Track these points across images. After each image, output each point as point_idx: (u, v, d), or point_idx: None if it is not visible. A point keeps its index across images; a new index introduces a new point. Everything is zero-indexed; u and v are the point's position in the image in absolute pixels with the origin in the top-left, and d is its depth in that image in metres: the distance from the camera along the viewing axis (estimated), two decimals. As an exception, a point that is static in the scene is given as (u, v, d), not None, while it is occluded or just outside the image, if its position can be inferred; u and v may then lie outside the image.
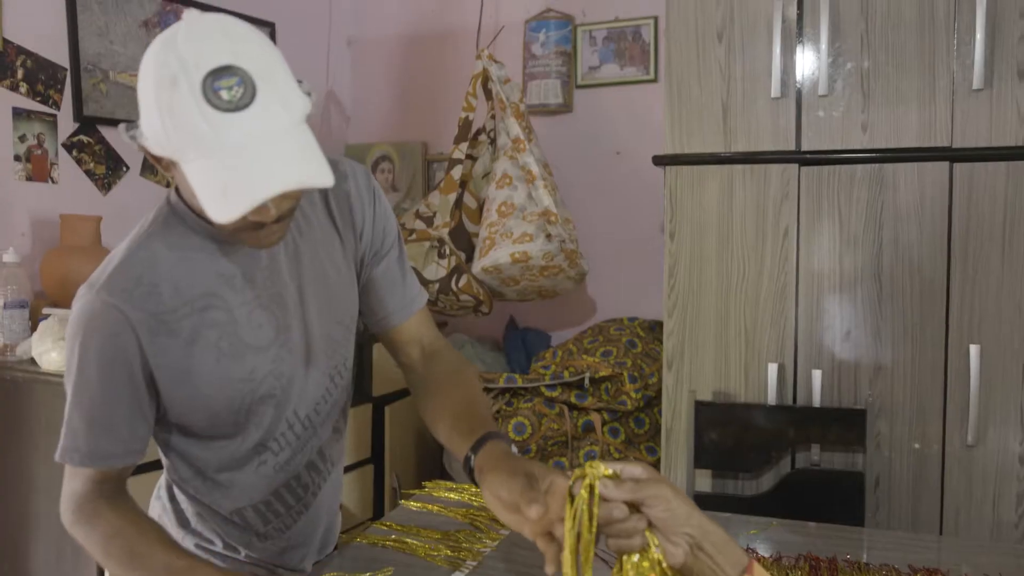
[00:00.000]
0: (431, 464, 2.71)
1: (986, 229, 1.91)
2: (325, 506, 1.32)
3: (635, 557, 0.83)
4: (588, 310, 2.94)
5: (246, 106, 0.87)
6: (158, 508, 1.30)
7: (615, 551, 0.85)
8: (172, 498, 1.27)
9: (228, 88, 0.87)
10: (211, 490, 1.20)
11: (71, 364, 1.08)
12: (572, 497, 0.83)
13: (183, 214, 1.09)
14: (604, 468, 0.83)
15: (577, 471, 0.84)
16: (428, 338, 1.31)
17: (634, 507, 0.83)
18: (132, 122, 0.96)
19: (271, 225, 1.00)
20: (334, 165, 1.16)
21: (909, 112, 1.95)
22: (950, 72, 1.91)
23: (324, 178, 0.92)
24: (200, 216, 1.07)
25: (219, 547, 1.26)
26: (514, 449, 1.08)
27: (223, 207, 0.88)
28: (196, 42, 0.88)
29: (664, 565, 0.83)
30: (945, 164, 1.93)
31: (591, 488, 0.82)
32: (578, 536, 0.82)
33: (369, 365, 2.54)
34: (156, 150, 0.94)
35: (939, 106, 1.93)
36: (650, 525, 0.83)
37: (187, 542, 1.25)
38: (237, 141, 0.88)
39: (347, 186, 1.20)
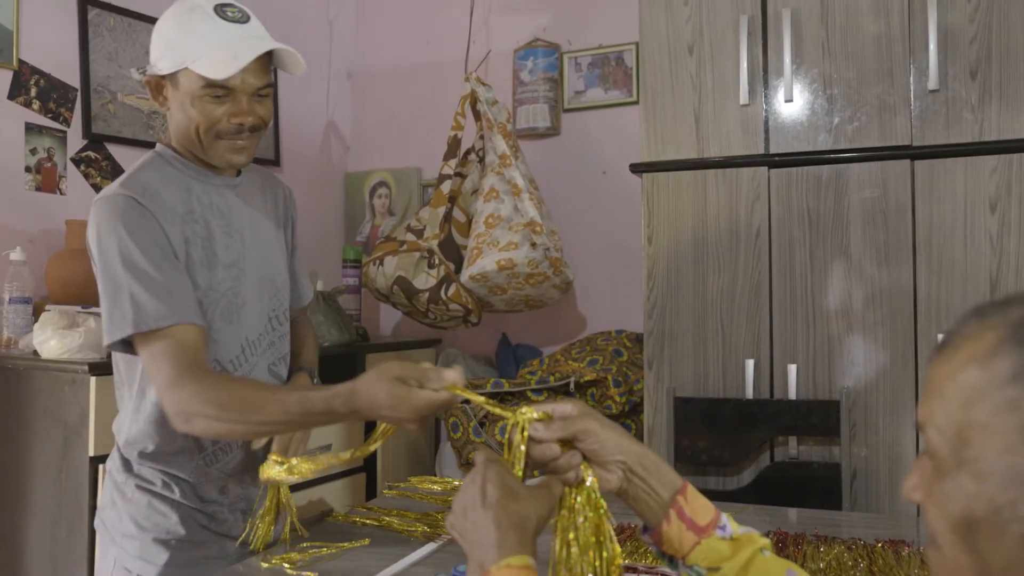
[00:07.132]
0: (422, 473, 2.75)
1: (948, 222, 1.98)
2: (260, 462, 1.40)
3: (574, 491, 0.87)
4: (578, 326, 3.01)
5: (244, 22, 1.30)
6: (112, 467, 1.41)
7: None
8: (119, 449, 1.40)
9: (232, 10, 1.29)
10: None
11: (113, 252, 1.23)
12: (510, 443, 0.88)
13: (169, 157, 1.36)
14: (534, 412, 0.88)
15: (511, 417, 0.89)
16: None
17: (568, 444, 0.88)
18: (143, 71, 1.28)
19: (243, 135, 1.31)
20: (273, 177, 1.55)
21: (870, 114, 2.04)
22: (906, 74, 2.01)
23: (298, 58, 1.33)
24: (183, 156, 1.36)
25: (158, 487, 1.36)
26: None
27: (233, 64, 1.25)
28: None
29: (597, 495, 0.87)
30: (906, 162, 2.02)
31: (522, 431, 0.87)
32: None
33: (362, 375, 2.61)
34: (166, 64, 1.28)
35: (898, 107, 2.02)
36: (585, 459, 0.88)
37: (129, 484, 1.36)
38: (238, 36, 1.27)
39: (280, 192, 1.54)
